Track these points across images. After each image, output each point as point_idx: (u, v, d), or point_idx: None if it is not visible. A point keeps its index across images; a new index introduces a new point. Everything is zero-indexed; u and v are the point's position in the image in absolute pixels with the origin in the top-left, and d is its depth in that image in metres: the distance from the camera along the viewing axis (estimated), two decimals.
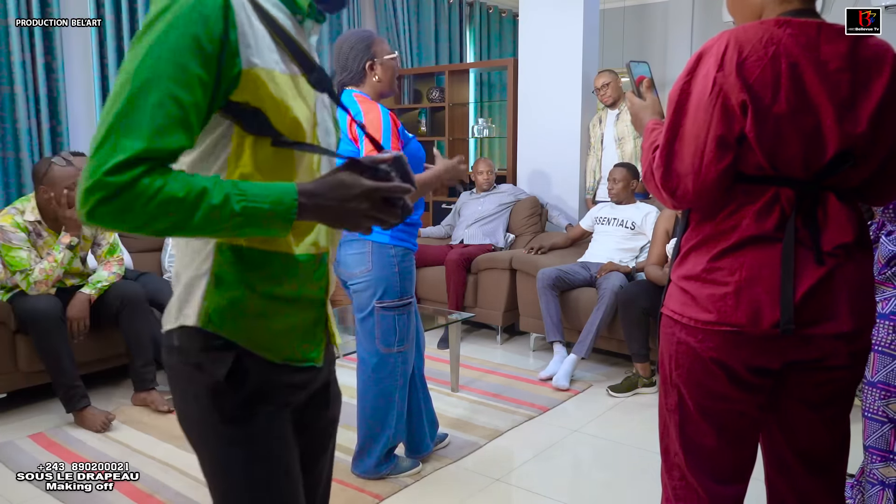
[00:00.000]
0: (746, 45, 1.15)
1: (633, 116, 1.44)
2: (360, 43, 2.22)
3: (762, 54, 1.14)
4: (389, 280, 2.23)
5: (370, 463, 2.37)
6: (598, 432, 2.85)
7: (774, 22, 1.17)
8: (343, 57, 2.23)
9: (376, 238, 2.22)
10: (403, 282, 2.26)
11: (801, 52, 1.15)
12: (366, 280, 2.24)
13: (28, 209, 2.88)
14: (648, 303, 3.18)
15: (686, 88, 1.20)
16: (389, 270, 2.23)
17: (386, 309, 2.24)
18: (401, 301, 2.26)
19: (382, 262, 2.22)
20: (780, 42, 1.15)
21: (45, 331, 2.77)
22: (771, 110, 1.15)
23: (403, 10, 5.69)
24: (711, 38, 1.21)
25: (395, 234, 2.23)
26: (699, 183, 1.20)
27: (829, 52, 1.16)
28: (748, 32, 1.17)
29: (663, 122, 1.38)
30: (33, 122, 3.70)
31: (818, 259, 1.19)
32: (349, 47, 2.22)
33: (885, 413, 1.79)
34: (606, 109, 4.40)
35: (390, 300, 2.24)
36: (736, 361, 1.22)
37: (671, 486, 1.36)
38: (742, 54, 1.15)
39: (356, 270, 2.24)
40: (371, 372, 2.31)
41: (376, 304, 2.24)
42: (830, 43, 1.17)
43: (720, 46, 1.17)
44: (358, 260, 2.24)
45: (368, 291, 2.24)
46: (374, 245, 2.22)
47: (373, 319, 2.26)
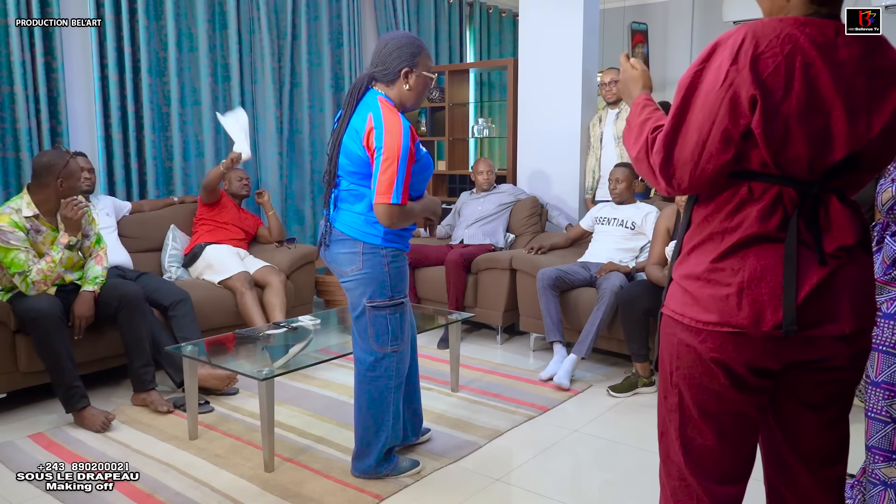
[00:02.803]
0: (763, 40, 1.14)
1: (622, 84, 1.49)
2: (408, 48, 2.20)
3: (777, 51, 1.13)
4: (379, 279, 2.23)
5: (369, 463, 2.37)
6: (598, 432, 2.85)
7: (794, 20, 1.16)
8: (386, 52, 2.21)
9: (368, 239, 2.22)
10: (394, 282, 2.26)
11: (818, 53, 1.14)
12: (356, 279, 2.24)
13: (24, 206, 2.87)
14: (649, 303, 3.18)
15: (697, 77, 1.20)
16: (379, 270, 2.23)
17: (377, 308, 2.25)
18: (391, 301, 2.26)
19: (373, 262, 2.22)
20: (798, 41, 1.14)
21: (45, 331, 2.77)
22: (780, 108, 1.14)
23: (403, 10, 5.69)
24: (729, 30, 1.20)
25: (387, 236, 2.23)
26: (697, 174, 1.20)
27: (846, 54, 1.15)
28: (766, 28, 1.16)
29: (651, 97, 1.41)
30: (33, 122, 3.70)
31: (821, 260, 1.18)
32: (395, 46, 2.20)
33: (888, 413, 1.78)
34: (607, 108, 4.39)
35: (381, 300, 2.24)
36: (737, 362, 1.22)
37: (670, 487, 1.36)
38: (758, 49, 1.14)
39: (347, 269, 2.25)
40: (365, 371, 2.32)
41: (367, 304, 2.24)
42: (848, 46, 1.16)
43: (737, 39, 1.16)
44: (349, 259, 2.24)
45: (359, 290, 2.25)
46: (364, 245, 2.22)
47: (365, 319, 2.26)
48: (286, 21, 4.86)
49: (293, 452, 2.63)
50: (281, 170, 4.91)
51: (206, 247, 3.88)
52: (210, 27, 4.44)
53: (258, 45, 4.74)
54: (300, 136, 5.05)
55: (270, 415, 2.41)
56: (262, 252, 4.17)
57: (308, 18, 4.97)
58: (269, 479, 2.41)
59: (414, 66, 2.21)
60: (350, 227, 2.24)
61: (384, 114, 2.12)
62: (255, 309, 3.63)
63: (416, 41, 2.23)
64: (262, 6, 4.69)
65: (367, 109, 2.16)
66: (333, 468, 2.50)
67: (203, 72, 4.42)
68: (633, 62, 1.48)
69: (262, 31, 4.71)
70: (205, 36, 4.40)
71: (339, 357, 2.80)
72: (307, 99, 5.03)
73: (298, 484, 2.38)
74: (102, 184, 4.03)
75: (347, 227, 2.24)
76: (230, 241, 3.98)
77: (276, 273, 3.84)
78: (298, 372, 3.00)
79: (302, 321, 3.14)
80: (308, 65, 5.00)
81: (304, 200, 5.11)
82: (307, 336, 2.96)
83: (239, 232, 4.10)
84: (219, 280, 3.73)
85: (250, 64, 4.72)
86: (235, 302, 3.67)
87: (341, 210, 2.27)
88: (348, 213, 2.25)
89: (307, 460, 2.57)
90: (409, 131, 2.13)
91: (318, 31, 5.07)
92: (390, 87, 2.23)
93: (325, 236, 2.30)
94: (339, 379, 3.43)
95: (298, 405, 3.11)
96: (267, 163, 4.86)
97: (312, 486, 2.36)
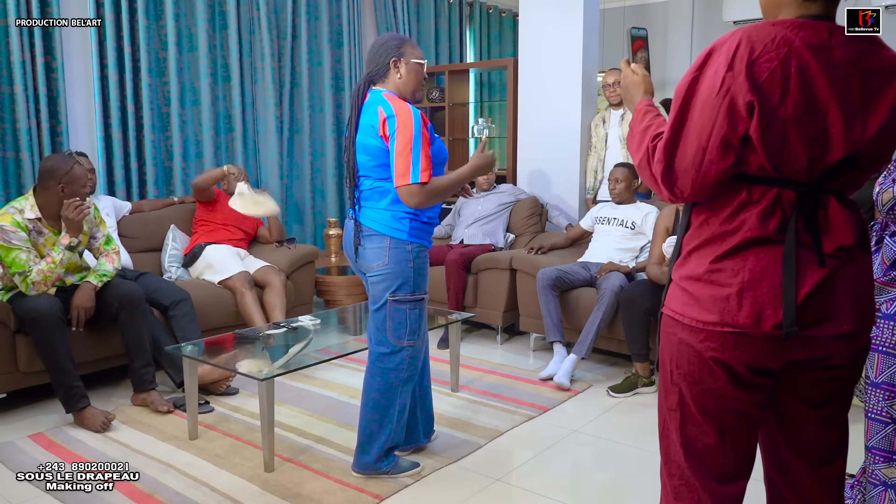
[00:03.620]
0: (758, 45, 1.14)
1: (624, 89, 1.50)
2: (392, 41, 2.32)
3: (773, 55, 1.14)
4: (404, 275, 2.28)
5: (369, 459, 2.37)
6: (598, 432, 2.85)
7: (789, 23, 1.16)
8: (374, 52, 2.33)
9: (395, 234, 2.27)
10: (417, 278, 2.31)
11: (812, 56, 1.14)
12: (382, 273, 2.28)
13: (27, 207, 2.88)
14: (649, 303, 3.18)
15: (694, 84, 1.20)
16: (405, 265, 2.28)
17: (398, 302, 2.29)
18: (413, 296, 2.31)
19: (399, 258, 2.27)
20: (792, 44, 1.14)
21: (45, 331, 2.77)
22: (777, 113, 1.14)
23: (403, 10, 5.69)
24: (724, 35, 1.20)
25: (413, 231, 2.28)
26: (699, 180, 1.21)
27: (841, 56, 1.16)
28: (761, 32, 1.16)
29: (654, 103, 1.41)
30: (33, 122, 3.70)
31: (820, 261, 1.19)
32: (381, 44, 2.33)
33: (888, 414, 1.78)
34: (610, 109, 4.39)
35: (403, 294, 2.29)
36: (737, 362, 1.22)
37: (671, 486, 1.36)
38: (753, 54, 1.14)
39: (374, 264, 2.29)
40: (377, 362, 2.35)
41: (389, 297, 2.28)
42: (842, 47, 1.16)
43: (732, 45, 1.16)
44: (376, 254, 2.28)
45: (384, 284, 2.29)
46: (391, 241, 2.27)
47: (385, 311, 2.30)
48: (286, 21, 4.86)
49: (293, 452, 2.63)
50: (281, 170, 4.91)
51: (205, 247, 3.88)
52: (210, 27, 4.44)
53: (258, 45, 4.74)
54: (300, 136, 5.05)
55: (270, 415, 2.41)
56: (262, 252, 4.17)
57: (308, 18, 4.98)
58: (269, 479, 2.41)
59: (401, 55, 2.30)
60: (377, 222, 2.28)
61: (392, 103, 2.22)
62: (255, 309, 3.63)
63: (399, 36, 2.35)
64: (262, 6, 4.69)
65: (376, 105, 2.24)
66: (333, 468, 2.50)
67: (203, 72, 4.42)
68: (634, 67, 1.49)
69: (262, 31, 4.71)
70: (205, 36, 4.40)
71: (339, 357, 2.80)
72: (307, 99, 5.03)
73: (298, 484, 2.38)
74: (102, 184, 4.03)
75: (375, 223, 2.29)
76: (230, 241, 3.98)
77: (276, 273, 3.84)
78: (298, 372, 3.00)
79: (302, 321, 3.14)
80: (308, 65, 5.00)
81: (304, 200, 5.11)
82: (307, 336, 2.96)
83: (238, 232, 4.10)
84: (219, 280, 3.73)
85: (250, 64, 4.72)
86: (235, 302, 3.67)
87: (366, 208, 2.32)
88: (374, 210, 2.30)
89: (307, 460, 2.57)
90: (419, 115, 2.22)
91: (318, 31, 5.07)
92: (386, 81, 2.32)
93: (356, 235, 2.33)
94: (339, 379, 3.43)
95: (298, 405, 3.11)
96: (267, 163, 4.86)
97: (312, 486, 2.36)
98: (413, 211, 2.26)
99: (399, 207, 2.26)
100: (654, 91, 1.53)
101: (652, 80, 1.50)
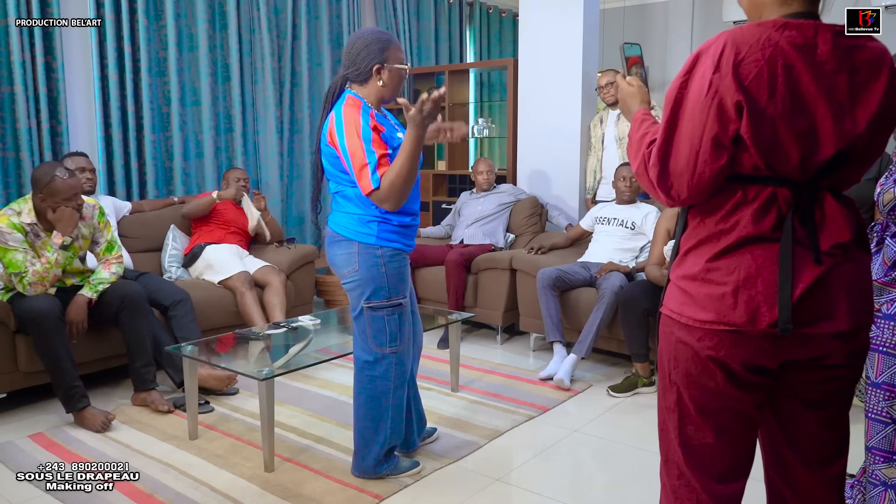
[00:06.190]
0: (744, 46, 1.16)
1: (621, 101, 1.51)
2: (375, 44, 2.20)
3: (759, 56, 1.15)
4: (377, 280, 2.21)
5: (368, 463, 2.37)
6: (598, 432, 2.85)
7: (773, 24, 1.18)
8: (355, 52, 2.21)
9: (362, 238, 2.21)
10: (392, 282, 2.24)
11: (798, 54, 1.16)
12: (354, 280, 2.24)
13: (25, 210, 2.88)
14: (649, 303, 3.18)
15: (683, 89, 1.22)
16: (376, 271, 2.21)
17: (374, 309, 2.24)
18: (388, 302, 2.24)
19: (368, 263, 2.21)
20: (777, 44, 1.15)
21: (44, 331, 2.77)
22: (766, 112, 1.15)
23: (403, 10, 5.69)
24: (709, 39, 1.21)
25: (382, 235, 2.21)
26: (694, 182, 1.22)
27: (826, 52, 1.17)
28: (746, 34, 1.17)
29: (651, 111, 1.43)
30: (33, 122, 3.70)
31: (816, 258, 1.19)
32: (363, 45, 2.21)
33: (888, 414, 1.78)
34: (608, 109, 4.39)
35: (378, 301, 2.23)
36: (734, 360, 1.22)
37: (670, 485, 1.37)
38: (739, 55, 1.15)
39: (344, 270, 2.25)
40: (364, 371, 2.31)
41: (364, 305, 2.24)
42: (827, 43, 1.17)
43: (717, 47, 1.17)
44: (345, 260, 2.24)
45: (357, 291, 2.24)
46: (360, 245, 2.21)
47: (363, 319, 2.26)
48: (286, 21, 4.86)
49: (293, 452, 2.63)
50: (281, 170, 4.91)
51: (205, 247, 3.88)
52: (210, 27, 4.44)
53: (258, 45, 4.74)
54: (300, 136, 5.05)
55: (270, 415, 2.41)
56: (262, 252, 4.17)
57: (308, 18, 4.98)
58: (269, 479, 2.41)
59: (384, 60, 2.21)
60: (344, 227, 2.24)
61: (343, 111, 2.15)
62: (255, 309, 3.63)
63: (383, 35, 2.23)
64: (262, 6, 4.69)
65: (337, 111, 2.18)
66: (333, 468, 2.50)
67: (203, 72, 4.42)
68: (630, 80, 1.51)
69: (262, 31, 4.72)
70: (205, 36, 4.40)
71: (339, 357, 2.80)
72: (307, 99, 5.03)
73: (298, 484, 2.38)
74: (102, 184, 4.03)
75: (342, 228, 2.24)
76: (230, 241, 3.98)
77: (276, 273, 3.84)
78: (298, 372, 3.00)
79: (302, 321, 3.14)
80: (308, 65, 5.01)
81: (304, 200, 5.12)
82: (307, 336, 2.96)
83: (238, 232, 4.10)
84: (219, 280, 3.73)
85: (250, 64, 4.72)
86: (235, 302, 3.67)
87: (335, 212, 2.28)
88: (342, 213, 2.25)
89: (307, 460, 2.57)
90: (367, 116, 2.14)
91: (318, 31, 5.08)
92: (364, 86, 2.24)
93: (323, 238, 2.31)
94: (339, 379, 3.43)
95: (298, 405, 3.11)
96: (267, 163, 4.87)
97: (312, 486, 2.36)
98: (382, 214, 2.18)
99: (367, 211, 2.19)
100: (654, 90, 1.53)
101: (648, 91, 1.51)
